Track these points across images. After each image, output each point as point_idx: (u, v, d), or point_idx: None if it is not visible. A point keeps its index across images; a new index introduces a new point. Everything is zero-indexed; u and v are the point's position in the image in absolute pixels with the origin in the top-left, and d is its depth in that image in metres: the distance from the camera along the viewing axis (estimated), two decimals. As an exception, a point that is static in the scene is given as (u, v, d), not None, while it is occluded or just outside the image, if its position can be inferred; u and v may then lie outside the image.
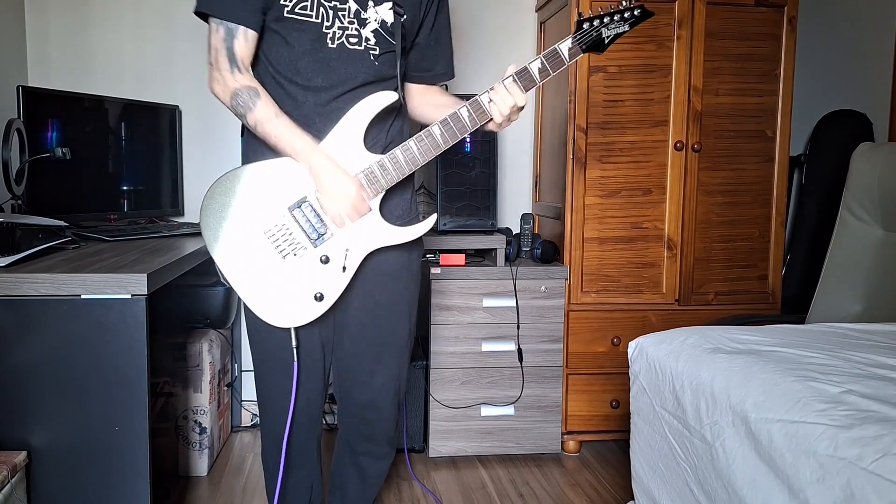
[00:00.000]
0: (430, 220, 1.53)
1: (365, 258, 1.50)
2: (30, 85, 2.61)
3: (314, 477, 1.71)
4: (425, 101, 1.65)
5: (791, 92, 2.62)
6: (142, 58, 2.77)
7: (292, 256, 1.45)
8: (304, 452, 1.67)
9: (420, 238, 1.64)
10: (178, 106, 2.75)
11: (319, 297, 1.47)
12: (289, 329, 1.50)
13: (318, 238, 1.45)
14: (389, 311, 1.61)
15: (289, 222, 1.45)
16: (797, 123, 2.77)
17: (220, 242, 1.44)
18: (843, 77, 3.03)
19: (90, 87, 2.67)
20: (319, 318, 1.50)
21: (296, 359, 1.53)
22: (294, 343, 1.51)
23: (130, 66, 2.76)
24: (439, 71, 1.66)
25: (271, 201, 1.45)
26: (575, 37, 1.43)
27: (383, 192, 1.47)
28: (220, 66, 1.43)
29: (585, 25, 1.43)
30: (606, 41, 1.44)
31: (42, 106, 2.19)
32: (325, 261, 1.46)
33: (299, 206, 1.45)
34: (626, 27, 1.44)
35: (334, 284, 1.47)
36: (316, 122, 1.46)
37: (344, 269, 1.47)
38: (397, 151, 1.45)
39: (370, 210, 1.47)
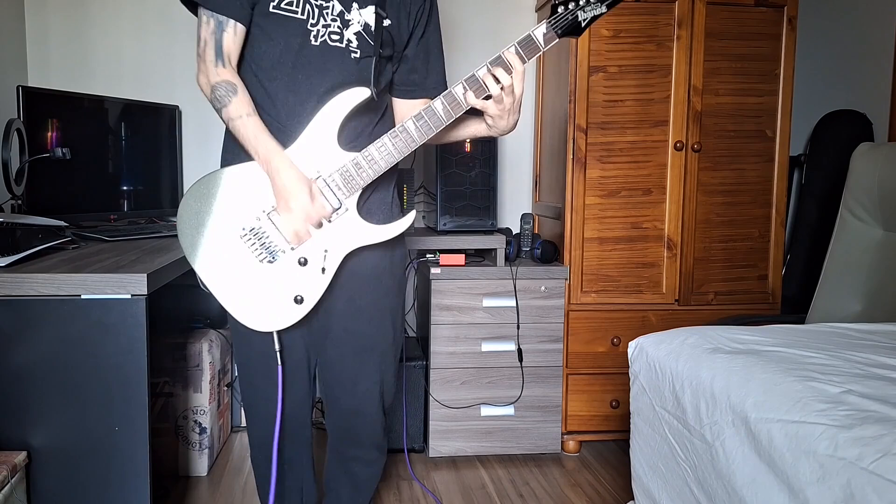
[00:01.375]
0: (409, 218, 1.50)
1: (346, 261, 1.48)
2: (30, 85, 2.61)
3: (305, 479, 1.70)
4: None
5: (791, 92, 2.62)
6: (142, 58, 2.77)
7: (270, 260, 1.44)
8: (294, 457, 1.66)
9: (403, 241, 1.62)
10: (178, 106, 2.75)
11: (299, 300, 1.45)
12: (270, 333, 1.49)
13: None
14: (371, 316, 1.59)
15: (265, 225, 1.43)
16: (797, 123, 2.77)
17: (197, 250, 1.43)
18: (843, 77, 3.03)
19: (90, 87, 2.68)
20: (303, 322, 1.49)
21: (280, 363, 1.51)
22: (277, 347, 1.50)
23: (130, 67, 2.76)
24: (430, 84, 1.61)
25: (247, 205, 1.44)
26: (550, 21, 1.39)
27: (360, 191, 1.45)
28: (206, 58, 1.43)
29: (560, 9, 1.38)
30: (583, 24, 1.39)
31: (42, 106, 2.19)
32: (304, 263, 1.44)
33: (275, 209, 1.43)
34: (604, 9, 1.39)
35: (314, 287, 1.45)
36: (294, 121, 1.44)
37: (323, 270, 1.45)
38: (371, 148, 1.42)
39: (328, 215, 1.43)
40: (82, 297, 1.43)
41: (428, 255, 2.59)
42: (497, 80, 1.39)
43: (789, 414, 1.33)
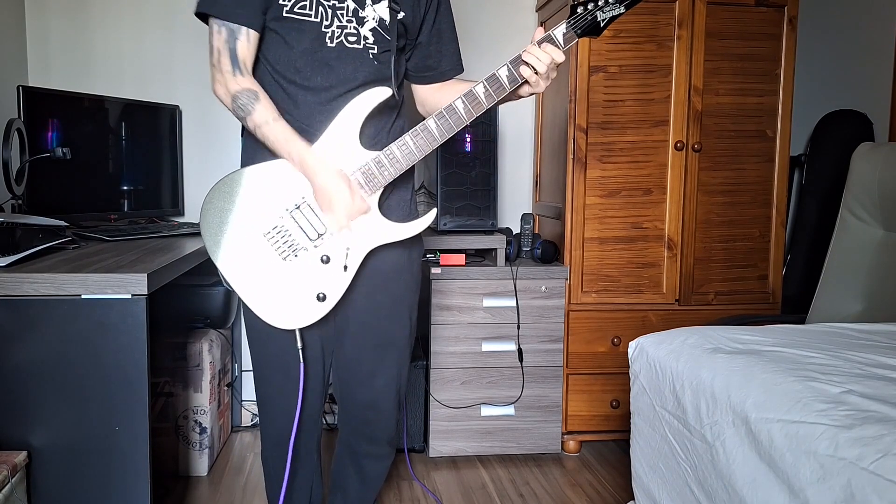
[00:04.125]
0: (430, 216, 1.52)
1: (366, 258, 1.50)
2: (30, 85, 2.61)
3: (314, 477, 1.71)
4: (443, 95, 1.60)
5: (791, 92, 2.62)
6: (142, 58, 2.77)
7: (293, 258, 1.45)
8: (305, 453, 1.66)
9: (420, 238, 1.64)
10: (178, 106, 2.75)
11: (322, 298, 1.46)
12: (292, 331, 1.50)
13: (318, 238, 1.45)
14: (390, 312, 1.61)
15: (288, 224, 1.45)
16: (797, 123, 2.77)
17: (221, 247, 1.44)
18: (843, 77, 3.03)
19: (90, 87, 2.67)
20: (319, 318, 1.50)
21: (302, 360, 1.52)
22: (300, 345, 1.51)
23: (130, 66, 2.76)
24: (446, 67, 1.64)
25: (270, 204, 1.45)
26: (569, 22, 1.41)
27: (381, 190, 1.47)
28: (222, 68, 1.43)
29: (580, 10, 1.40)
30: (602, 24, 1.42)
31: (42, 106, 2.19)
32: (326, 261, 1.46)
33: (298, 208, 1.45)
34: (622, 9, 1.41)
35: (336, 284, 1.47)
36: (316, 122, 1.45)
37: (345, 268, 1.47)
38: (393, 147, 1.44)
39: (368, 209, 1.46)
40: (83, 296, 1.43)
41: (428, 255, 2.58)
42: (533, 66, 1.39)
43: (789, 414, 1.34)
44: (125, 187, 2.53)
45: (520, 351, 2.56)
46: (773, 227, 2.67)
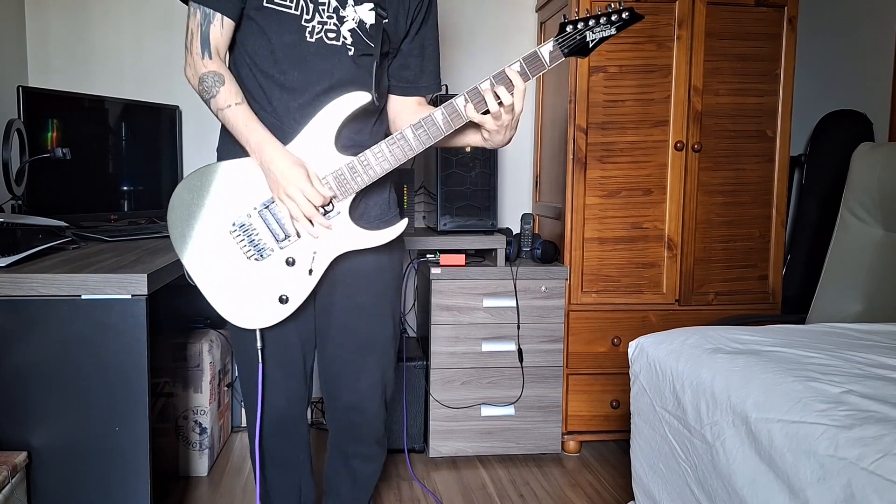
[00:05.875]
0: (400, 226, 1.50)
1: (346, 259, 1.48)
2: (30, 85, 2.61)
3: (303, 478, 1.70)
4: (409, 112, 1.58)
5: (791, 92, 2.62)
6: (142, 58, 2.77)
7: (258, 257, 1.43)
8: (289, 454, 1.66)
9: (401, 239, 1.60)
10: (178, 106, 2.75)
11: (284, 300, 1.44)
12: (264, 330, 1.49)
13: (285, 239, 1.43)
14: (371, 312, 1.59)
15: (256, 223, 1.43)
16: (797, 123, 2.77)
17: (185, 241, 1.43)
18: (843, 77, 3.03)
19: (90, 88, 2.67)
20: (298, 318, 1.49)
21: (260, 361, 1.51)
22: (259, 345, 1.49)
23: (130, 67, 2.76)
24: (423, 84, 1.60)
25: (238, 201, 1.43)
26: (557, 40, 1.37)
27: (353, 195, 1.44)
28: (192, 50, 1.41)
29: (569, 28, 1.36)
30: (591, 45, 1.37)
31: (42, 106, 2.19)
32: (291, 263, 1.44)
33: (267, 207, 1.43)
34: (613, 30, 1.37)
35: (300, 287, 1.45)
36: (290, 122, 1.43)
37: (310, 272, 1.44)
38: (368, 153, 1.41)
39: (328, 198, 1.40)
40: (83, 297, 1.43)
41: (428, 256, 2.59)
42: (497, 97, 1.36)
43: (790, 414, 1.34)
44: (125, 187, 2.53)
45: (520, 351, 2.56)
46: (773, 227, 2.67)
